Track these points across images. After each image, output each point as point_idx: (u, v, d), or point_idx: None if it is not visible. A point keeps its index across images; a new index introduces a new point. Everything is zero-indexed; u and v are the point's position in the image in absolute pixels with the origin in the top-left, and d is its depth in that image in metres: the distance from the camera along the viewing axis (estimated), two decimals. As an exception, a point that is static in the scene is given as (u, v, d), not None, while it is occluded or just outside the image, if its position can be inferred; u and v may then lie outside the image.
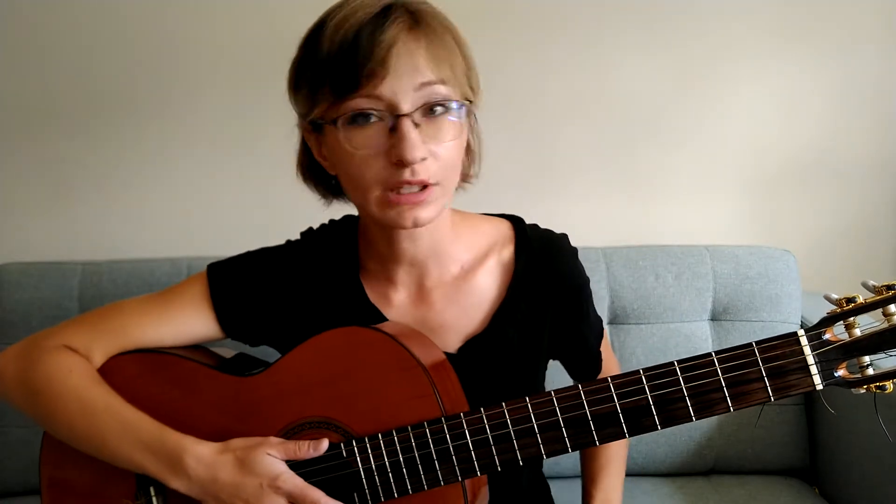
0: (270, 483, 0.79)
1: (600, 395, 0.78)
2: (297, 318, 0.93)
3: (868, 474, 1.30)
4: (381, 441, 0.81)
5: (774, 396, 0.74)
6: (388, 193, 0.79)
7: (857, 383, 0.73)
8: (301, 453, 0.81)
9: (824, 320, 0.74)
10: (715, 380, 0.75)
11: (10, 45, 1.62)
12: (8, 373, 0.90)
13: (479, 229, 0.97)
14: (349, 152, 0.78)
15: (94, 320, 0.93)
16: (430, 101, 0.77)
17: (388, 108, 0.76)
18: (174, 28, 1.62)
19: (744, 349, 0.75)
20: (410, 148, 0.75)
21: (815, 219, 1.72)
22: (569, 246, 0.98)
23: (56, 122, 1.65)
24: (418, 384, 0.80)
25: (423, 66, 0.76)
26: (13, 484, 1.46)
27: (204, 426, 0.85)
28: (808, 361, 0.73)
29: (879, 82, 1.66)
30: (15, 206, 1.68)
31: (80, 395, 0.86)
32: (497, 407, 0.79)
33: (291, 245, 0.99)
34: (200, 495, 0.81)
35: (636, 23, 1.63)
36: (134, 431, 0.84)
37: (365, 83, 0.75)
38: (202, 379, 0.89)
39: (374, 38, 0.75)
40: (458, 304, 0.93)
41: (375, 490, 0.81)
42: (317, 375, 0.84)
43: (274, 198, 1.69)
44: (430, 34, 0.78)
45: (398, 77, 0.75)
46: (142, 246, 1.67)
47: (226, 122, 1.66)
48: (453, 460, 0.79)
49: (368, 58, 0.75)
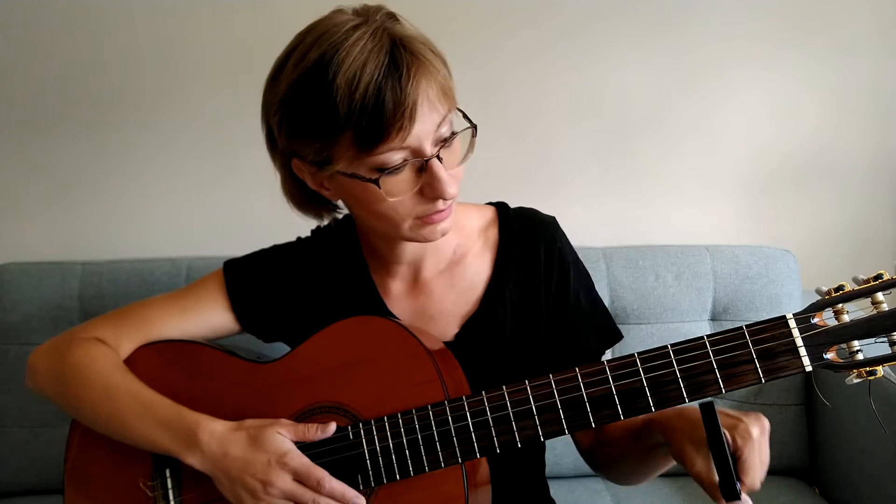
0: (278, 460, 0.81)
1: (597, 378, 0.80)
2: (309, 311, 0.98)
3: (868, 474, 1.30)
4: (387, 423, 0.84)
5: (765, 378, 0.75)
6: (422, 220, 0.84)
7: (846, 366, 0.74)
8: (310, 435, 0.84)
9: (812, 306, 0.76)
10: (707, 362, 0.77)
11: (10, 45, 1.62)
12: (41, 365, 0.98)
13: (467, 215, 1.00)
14: (379, 197, 0.81)
15: (123, 315, 0.99)
16: (446, 139, 0.82)
17: (413, 154, 0.80)
18: (174, 29, 1.62)
19: (735, 332, 0.77)
20: (447, 187, 0.80)
21: (814, 219, 1.72)
22: (551, 222, 1.00)
23: (56, 122, 1.65)
24: (424, 370, 0.84)
25: (437, 105, 0.80)
26: (13, 484, 1.47)
27: (221, 409, 0.89)
28: (797, 343, 0.75)
29: (878, 82, 1.67)
30: (15, 206, 1.68)
31: (104, 381, 0.91)
32: (497, 390, 0.82)
33: (302, 242, 1.04)
34: (212, 470, 0.84)
35: (636, 24, 1.64)
36: (152, 411, 0.88)
37: (394, 137, 0.77)
38: (220, 365, 0.94)
39: (400, 96, 0.76)
40: (454, 288, 0.97)
41: (378, 471, 0.84)
42: (328, 362, 0.88)
43: (274, 198, 1.69)
44: (431, 70, 0.79)
45: (423, 124, 0.78)
46: (142, 246, 1.67)
47: (226, 123, 1.66)
48: (454, 441, 0.82)
49: (398, 114, 0.76)
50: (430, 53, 0.81)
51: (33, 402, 1.44)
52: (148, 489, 0.92)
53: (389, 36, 0.78)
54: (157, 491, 0.91)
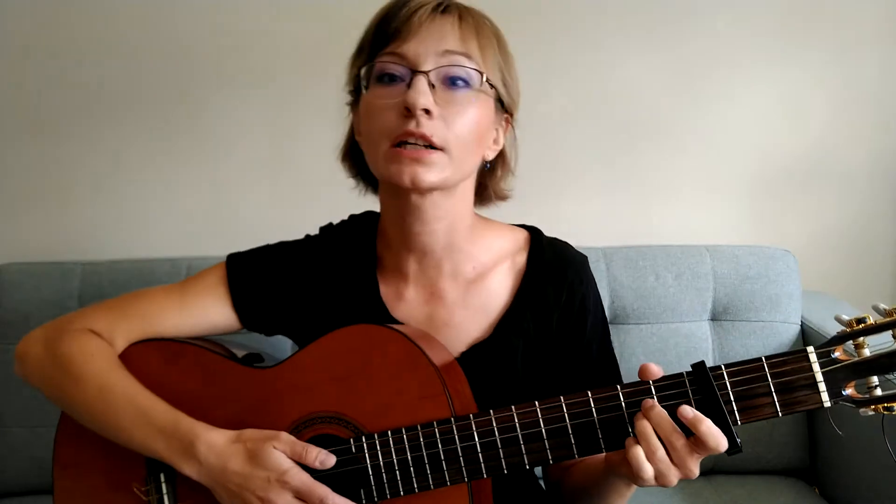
0: (278, 478, 0.79)
1: (610, 403, 0.77)
2: (312, 311, 0.95)
3: (868, 474, 1.29)
4: (391, 438, 0.81)
5: (782, 412, 0.74)
6: (394, 148, 0.81)
7: (864, 403, 0.73)
8: (307, 458, 0.81)
9: (834, 339, 0.74)
10: (723, 393, 0.75)
11: (10, 45, 1.62)
12: (31, 354, 0.93)
13: (497, 234, 0.97)
14: (370, 106, 0.83)
15: (119, 306, 0.95)
16: (451, 67, 0.82)
17: (410, 67, 0.81)
18: (174, 29, 1.62)
19: (753, 363, 0.75)
20: (415, 93, 0.79)
21: (815, 219, 1.72)
22: (582, 262, 0.97)
23: (56, 122, 1.65)
24: (430, 384, 0.81)
25: (450, 36, 0.82)
26: (13, 484, 1.47)
27: (218, 415, 0.86)
28: (817, 378, 0.73)
29: (880, 83, 1.67)
30: (15, 206, 1.68)
31: (99, 379, 0.88)
32: (507, 410, 0.80)
33: (310, 239, 1.01)
34: (209, 482, 0.82)
35: (637, 24, 1.64)
36: (149, 416, 0.85)
37: (391, 42, 0.82)
38: (218, 369, 0.91)
39: (405, 5, 0.82)
40: (467, 305, 0.93)
41: (382, 487, 0.81)
42: (330, 371, 0.85)
43: (274, 198, 1.70)
44: (465, 15, 0.84)
45: (421, 39, 0.81)
46: (142, 246, 1.67)
47: (226, 123, 1.66)
48: (461, 461, 0.80)
49: (395, 18, 0.82)
50: (479, 18, 0.86)
51: (33, 402, 1.44)
52: (142, 493, 0.89)
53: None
54: (151, 496, 0.89)
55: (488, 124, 0.87)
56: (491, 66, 0.84)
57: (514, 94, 0.90)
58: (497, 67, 0.86)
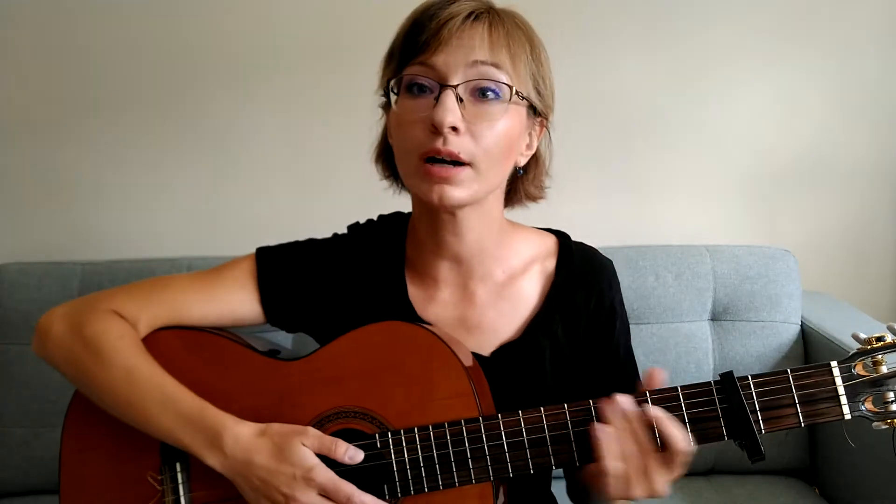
0: (304, 475, 0.79)
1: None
2: (338, 310, 0.94)
3: (868, 474, 1.30)
4: (417, 435, 0.81)
5: (804, 422, 0.77)
6: (423, 164, 0.81)
7: (880, 417, 0.77)
8: (336, 453, 0.81)
9: (854, 355, 0.78)
10: (749, 402, 0.77)
11: (10, 45, 1.62)
12: (55, 331, 0.90)
13: (526, 238, 0.98)
14: (399, 118, 0.83)
15: (145, 291, 0.94)
16: (480, 80, 0.80)
17: (438, 79, 0.80)
18: (175, 29, 1.62)
19: (779, 375, 0.77)
20: (442, 111, 0.78)
21: (815, 219, 1.72)
22: (610, 268, 0.99)
23: (56, 122, 1.65)
24: (458, 383, 0.82)
25: (479, 46, 0.80)
26: (13, 484, 1.47)
27: (240, 405, 0.86)
28: (839, 392, 0.76)
29: (879, 83, 1.67)
30: (15, 206, 1.68)
31: (126, 362, 0.86)
32: (535, 411, 0.80)
33: (338, 238, 1.00)
34: (233, 475, 0.82)
35: (636, 23, 1.64)
36: (175, 404, 0.84)
37: (420, 53, 0.80)
38: (241, 359, 0.90)
39: (436, 14, 0.80)
40: (498, 307, 0.94)
41: (406, 483, 0.82)
42: (356, 366, 0.85)
43: (275, 198, 1.70)
44: (496, 23, 0.82)
45: (451, 51, 0.79)
46: (142, 246, 1.67)
47: (226, 123, 1.66)
48: (487, 460, 0.80)
49: (425, 30, 0.80)
50: (511, 21, 0.84)
51: (33, 402, 1.44)
52: (156, 482, 0.88)
53: (489, 3, 0.85)
54: (165, 485, 0.88)
55: (519, 134, 0.86)
56: (522, 75, 0.83)
57: (548, 100, 0.88)
58: (529, 75, 0.84)
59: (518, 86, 0.82)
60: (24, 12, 1.60)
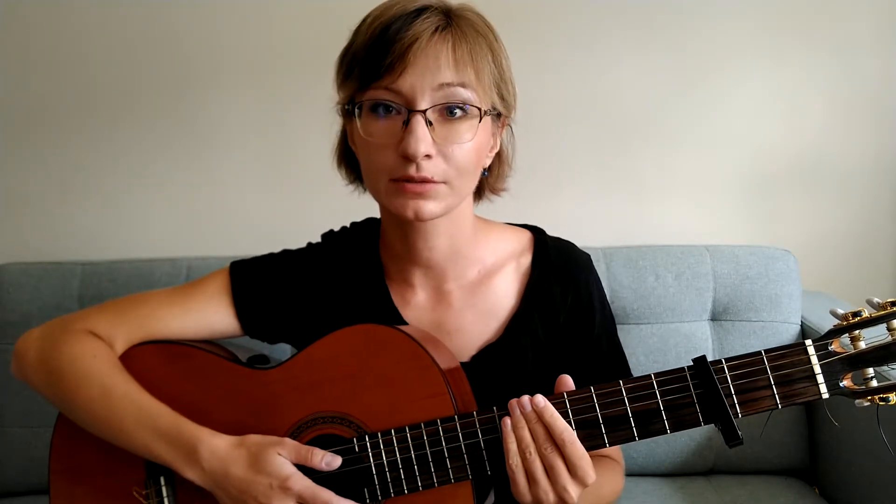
0: (280, 484, 0.79)
1: (612, 399, 0.78)
2: (319, 319, 0.94)
3: (868, 474, 1.29)
4: (394, 437, 0.82)
5: (781, 404, 0.75)
6: (395, 183, 0.81)
7: (861, 394, 0.75)
8: (313, 461, 0.81)
9: (830, 332, 0.76)
10: (724, 386, 0.76)
11: (10, 44, 1.62)
12: (31, 354, 0.92)
13: (500, 236, 0.97)
14: (365, 140, 0.82)
15: (120, 309, 0.94)
16: (448, 103, 0.80)
17: (405, 103, 0.79)
18: (175, 29, 1.62)
19: (753, 357, 0.76)
20: (415, 142, 0.78)
21: (815, 219, 1.72)
22: (586, 262, 0.98)
23: (56, 122, 1.65)
24: (433, 383, 0.82)
25: (445, 67, 0.79)
26: (13, 484, 1.47)
27: (219, 417, 0.86)
28: (815, 371, 0.75)
29: (879, 82, 1.66)
30: (15, 206, 1.68)
31: (101, 380, 0.87)
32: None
33: (312, 247, 1.00)
34: (212, 487, 0.82)
35: (636, 23, 1.64)
36: (151, 419, 0.85)
37: (385, 76, 0.79)
38: (219, 371, 0.90)
39: (400, 33, 0.78)
40: (475, 308, 0.94)
41: (386, 485, 0.82)
42: (333, 371, 0.85)
43: (274, 198, 1.70)
44: (459, 37, 0.80)
45: (418, 74, 0.78)
46: (142, 246, 1.67)
47: (226, 123, 1.66)
48: (465, 458, 0.80)
49: (390, 52, 0.78)
50: (471, 29, 0.81)
51: (34, 403, 1.44)
52: (141, 497, 0.89)
53: (446, 5, 0.82)
54: (150, 499, 0.88)
55: (486, 142, 0.86)
56: (487, 87, 0.82)
57: (510, 100, 0.88)
58: (493, 84, 0.83)
59: (484, 102, 0.82)
60: (24, 13, 1.60)
